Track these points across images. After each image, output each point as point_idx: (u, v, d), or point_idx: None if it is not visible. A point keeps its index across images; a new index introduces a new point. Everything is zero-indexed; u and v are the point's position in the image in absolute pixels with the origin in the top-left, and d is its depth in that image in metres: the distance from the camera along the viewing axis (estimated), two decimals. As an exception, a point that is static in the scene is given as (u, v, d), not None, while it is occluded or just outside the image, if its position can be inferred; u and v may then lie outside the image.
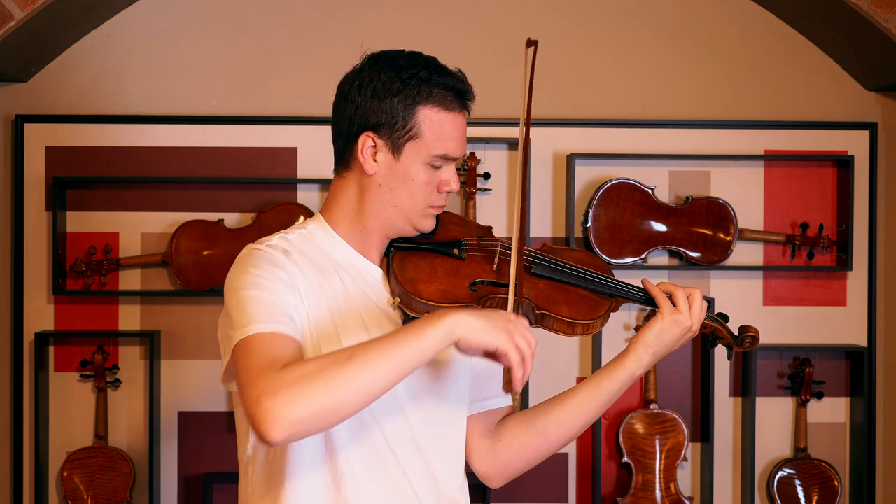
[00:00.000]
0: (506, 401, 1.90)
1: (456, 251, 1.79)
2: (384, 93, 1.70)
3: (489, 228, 1.88)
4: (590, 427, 3.34)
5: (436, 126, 1.71)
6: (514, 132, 3.33)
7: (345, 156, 1.75)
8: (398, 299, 1.73)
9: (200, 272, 3.27)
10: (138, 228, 3.33)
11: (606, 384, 1.80)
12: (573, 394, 1.83)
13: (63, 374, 3.34)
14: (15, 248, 3.29)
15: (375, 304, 1.75)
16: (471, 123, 3.58)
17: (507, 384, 1.58)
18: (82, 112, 3.32)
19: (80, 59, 3.34)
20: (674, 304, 1.80)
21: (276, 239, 1.73)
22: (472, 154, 3.29)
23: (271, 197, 3.33)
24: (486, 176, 3.32)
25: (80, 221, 3.33)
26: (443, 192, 1.75)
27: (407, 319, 1.75)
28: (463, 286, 1.75)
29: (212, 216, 3.32)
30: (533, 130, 3.34)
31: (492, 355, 1.57)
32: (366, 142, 1.71)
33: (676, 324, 1.79)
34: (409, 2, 3.38)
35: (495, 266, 1.79)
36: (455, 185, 1.75)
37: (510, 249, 1.77)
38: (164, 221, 3.34)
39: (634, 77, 3.42)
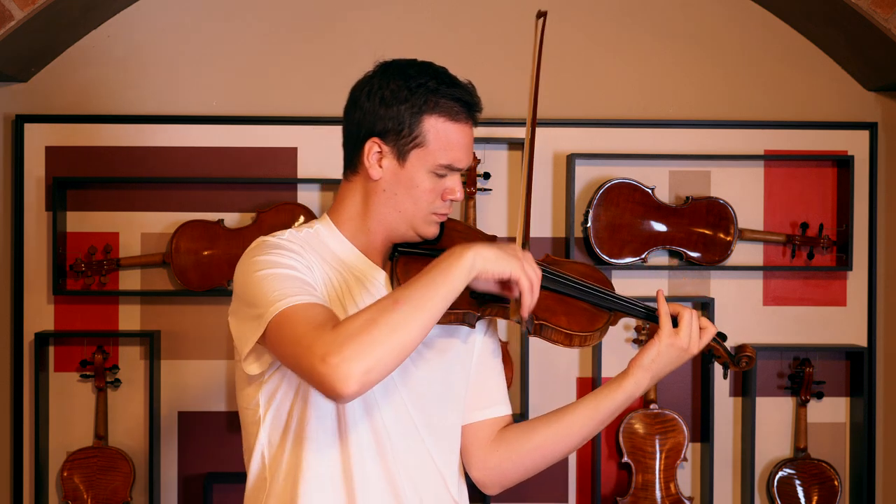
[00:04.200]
0: (504, 410, 1.92)
1: None
2: (392, 100, 1.73)
3: (493, 237, 1.90)
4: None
5: (441, 136, 1.74)
6: (514, 132, 3.33)
7: (352, 160, 1.79)
8: None
9: (200, 272, 3.27)
10: (138, 228, 3.33)
11: (605, 404, 1.84)
12: (571, 410, 1.86)
13: (63, 374, 3.34)
14: (15, 248, 3.29)
15: None
16: (471, 123, 3.54)
17: (515, 311, 1.66)
18: (82, 112, 3.32)
19: (80, 59, 3.34)
20: (676, 325, 1.82)
21: (287, 234, 1.76)
22: (472, 154, 3.29)
23: (271, 197, 3.33)
24: (486, 176, 3.32)
25: (80, 221, 3.33)
26: (446, 200, 1.78)
27: None
28: (464, 293, 1.75)
29: (212, 216, 3.32)
30: (533, 130, 3.34)
31: (505, 284, 1.66)
32: (372, 147, 1.75)
33: (672, 346, 1.81)
34: (408, 2, 3.38)
35: None
36: (459, 194, 1.79)
37: None
38: (164, 221, 3.34)
39: (634, 77, 3.42)
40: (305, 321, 1.58)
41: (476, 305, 1.76)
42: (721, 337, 1.92)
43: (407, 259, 1.80)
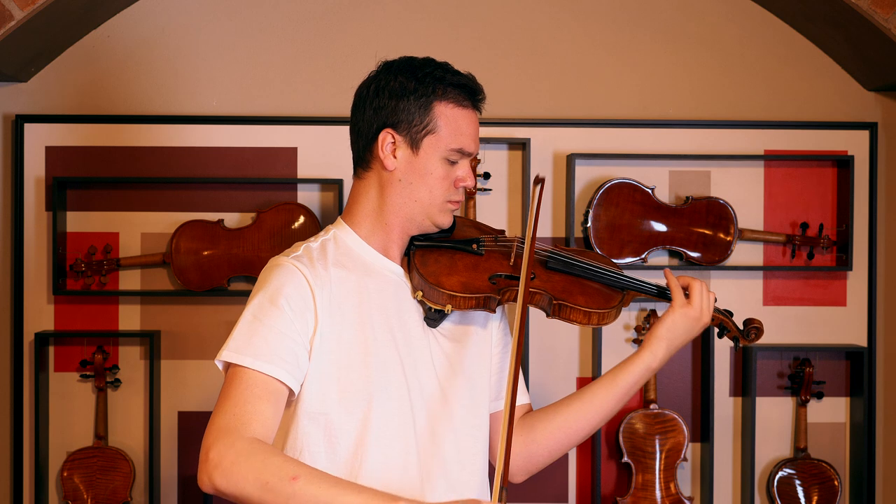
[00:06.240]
0: (524, 398, 1.98)
1: (475, 247, 1.89)
2: (401, 92, 1.78)
3: (502, 231, 1.98)
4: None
5: (451, 121, 1.80)
6: (514, 132, 3.34)
7: (364, 156, 1.83)
8: (420, 292, 1.81)
9: (200, 272, 3.27)
10: (138, 228, 3.33)
11: (623, 377, 1.89)
12: (591, 388, 1.91)
13: (63, 374, 3.34)
14: (15, 248, 3.29)
15: (399, 301, 1.82)
16: (471, 123, 3.54)
17: None
18: (82, 112, 3.32)
19: (80, 59, 3.34)
20: (687, 296, 1.90)
21: (301, 250, 1.80)
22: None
23: (271, 197, 3.33)
24: (486, 176, 3.32)
25: (80, 221, 3.33)
26: (459, 187, 1.84)
27: (429, 312, 1.83)
28: (482, 279, 1.84)
29: (212, 216, 3.32)
30: (533, 130, 3.35)
31: None
32: (385, 138, 1.79)
33: (686, 316, 1.88)
34: (408, 2, 3.38)
35: (512, 261, 1.89)
36: (470, 181, 1.84)
37: (524, 243, 1.86)
38: (164, 221, 3.34)
39: (634, 77, 3.42)
40: (240, 399, 1.66)
41: (496, 290, 1.81)
42: (728, 313, 2.00)
43: (424, 251, 1.86)
